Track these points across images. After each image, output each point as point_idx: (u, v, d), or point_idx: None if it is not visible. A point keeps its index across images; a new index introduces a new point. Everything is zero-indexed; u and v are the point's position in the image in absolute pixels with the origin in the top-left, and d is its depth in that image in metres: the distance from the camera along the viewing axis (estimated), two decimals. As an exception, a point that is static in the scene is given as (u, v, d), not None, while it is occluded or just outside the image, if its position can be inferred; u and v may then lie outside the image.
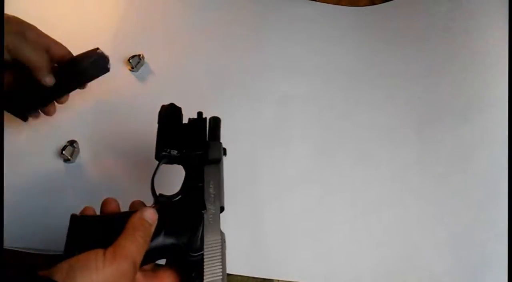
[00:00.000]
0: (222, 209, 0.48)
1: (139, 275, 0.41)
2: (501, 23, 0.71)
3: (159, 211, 0.44)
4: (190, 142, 0.51)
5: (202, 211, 0.46)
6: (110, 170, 0.62)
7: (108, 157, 0.63)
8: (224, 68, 0.70)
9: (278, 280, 0.57)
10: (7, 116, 0.58)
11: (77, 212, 0.45)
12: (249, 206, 0.61)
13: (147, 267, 0.43)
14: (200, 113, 0.54)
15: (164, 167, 0.50)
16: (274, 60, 0.71)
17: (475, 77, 0.68)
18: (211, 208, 0.47)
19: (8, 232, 0.55)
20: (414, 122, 0.67)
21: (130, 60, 0.68)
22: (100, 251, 0.37)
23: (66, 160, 0.61)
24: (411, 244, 0.59)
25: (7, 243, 0.55)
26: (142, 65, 0.69)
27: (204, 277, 0.43)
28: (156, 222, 0.43)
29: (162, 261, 0.45)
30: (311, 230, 0.60)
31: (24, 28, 0.55)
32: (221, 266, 0.44)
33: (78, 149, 0.62)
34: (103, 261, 0.37)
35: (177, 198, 0.47)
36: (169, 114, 0.52)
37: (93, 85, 0.65)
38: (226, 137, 0.65)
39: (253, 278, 0.57)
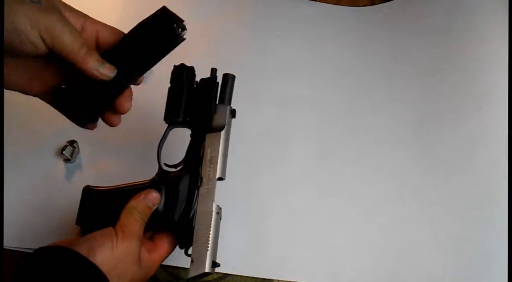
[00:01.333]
0: (220, 179, 0.48)
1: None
2: (501, 23, 0.71)
3: (158, 183, 0.47)
4: (197, 106, 0.49)
5: (197, 185, 0.47)
6: (110, 170, 0.62)
7: (108, 157, 0.63)
8: (224, 68, 0.70)
9: (278, 280, 0.57)
10: (7, 116, 0.58)
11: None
12: (249, 206, 0.61)
13: (145, 235, 0.46)
14: (213, 71, 0.51)
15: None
16: (274, 60, 0.71)
17: (475, 77, 0.68)
18: (207, 180, 0.47)
19: (8, 232, 0.55)
20: (414, 123, 0.67)
21: (130, 60, 0.67)
22: (112, 231, 0.42)
23: (66, 160, 0.61)
24: (411, 244, 0.59)
25: (7, 243, 0.55)
26: (142, 65, 0.68)
27: (192, 248, 0.45)
28: (156, 205, 0.46)
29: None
30: (311, 230, 0.60)
31: (62, 7, 0.43)
32: (210, 239, 0.45)
33: (78, 149, 0.62)
34: (116, 240, 0.41)
35: (179, 168, 0.48)
36: (179, 75, 0.50)
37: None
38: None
39: (253, 278, 0.57)
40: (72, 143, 0.62)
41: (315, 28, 0.74)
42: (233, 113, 0.51)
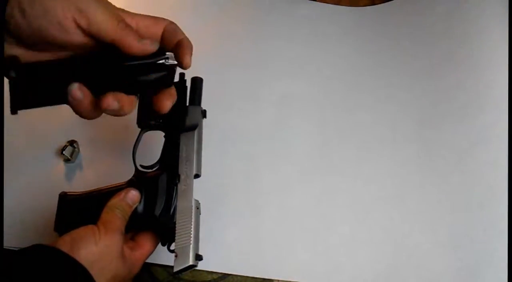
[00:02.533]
0: (197, 176, 0.50)
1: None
2: (501, 23, 0.71)
3: (136, 183, 0.48)
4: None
5: (175, 182, 0.48)
6: (110, 170, 0.62)
7: (108, 157, 0.63)
8: (224, 68, 0.70)
9: (278, 280, 0.57)
10: (6, 116, 0.58)
11: None
12: (249, 205, 0.61)
13: (126, 236, 0.46)
14: (181, 76, 0.53)
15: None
16: (274, 60, 0.71)
17: (475, 77, 0.68)
18: (184, 177, 0.49)
19: (8, 232, 0.55)
20: (414, 122, 0.67)
21: (130, 60, 0.68)
22: (94, 227, 0.42)
23: (66, 160, 0.61)
24: (411, 243, 0.59)
25: (7, 243, 0.55)
26: (142, 65, 0.69)
27: (175, 243, 0.46)
28: (137, 203, 0.47)
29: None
30: (311, 229, 0.60)
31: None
32: (192, 233, 0.46)
33: (78, 149, 0.62)
34: (99, 235, 0.42)
35: (155, 168, 0.50)
36: None
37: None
38: (226, 137, 0.65)
39: (253, 278, 0.57)
40: (72, 143, 0.62)
41: (315, 28, 0.74)
42: (204, 113, 0.54)
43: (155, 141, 0.52)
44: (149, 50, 0.41)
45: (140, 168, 0.50)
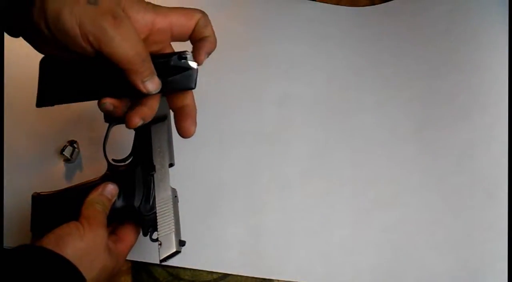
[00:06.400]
0: (171, 165, 0.50)
1: None
2: (501, 23, 0.71)
3: (111, 177, 0.48)
4: None
5: (151, 173, 0.49)
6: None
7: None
8: (224, 68, 0.70)
9: (278, 280, 0.57)
10: (7, 116, 0.58)
11: None
12: (249, 205, 0.61)
13: (107, 230, 0.46)
14: None
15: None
16: (274, 60, 0.71)
17: (475, 77, 0.68)
18: (159, 167, 0.49)
19: (8, 232, 0.55)
20: (414, 122, 0.67)
21: (130, 60, 0.68)
22: (77, 223, 0.43)
23: (66, 160, 0.61)
24: (411, 243, 0.59)
25: (7, 243, 0.55)
26: (142, 65, 0.69)
27: (158, 233, 0.47)
28: (115, 196, 0.47)
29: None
30: (311, 229, 0.60)
31: (125, 5, 0.39)
32: (173, 221, 0.47)
33: (78, 149, 0.62)
34: (84, 230, 0.42)
35: (128, 161, 0.50)
36: None
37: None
38: (226, 137, 0.65)
39: (253, 278, 0.57)
40: (72, 143, 0.62)
41: (315, 28, 0.74)
42: None
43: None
44: (152, 92, 0.41)
45: (112, 162, 0.50)
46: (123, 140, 0.54)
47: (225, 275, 0.57)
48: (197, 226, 0.59)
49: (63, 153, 0.61)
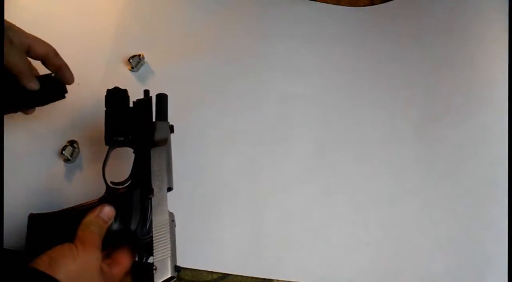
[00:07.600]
0: (170, 189, 0.50)
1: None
2: (501, 23, 0.71)
3: (109, 200, 0.48)
4: (136, 124, 0.52)
5: (149, 196, 0.48)
6: (110, 170, 0.61)
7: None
8: (225, 68, 0.70)
9: (278, 280, 0.57)
10: (7, 116, 0.58)
11: None
12: (249, 205, 0.61)
13: (103, 253, 0.46)
14: (146, 92, 0.54)
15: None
16: (274, 60, 0.71)
17: (475, 77, 0.68)
18: (158, 190, 0.49)
19: (8, 232, 0.55)
20: (413, 122, 0.67)
21: (130, 60, 0.68)
22: (71, 244, 0.43)
23: (66, 160, 0.61)
24: (411, 243, 0.59)
25: (7, 243, 0.55)
26: (142, 65, 0.69)
27: (154, 257, 0.46)
28: (112, 219, 0.47)
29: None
30: (311, 229, 0.60)
31: (7, 29, 0.50)
32: (169, 245, 0.47)
33: (78, 149, 0.62)
34: (77, 251, 0.42)
35: (127, 184, 0.50)
36: (115, 98, 0.53)
37: (93, 85, 0.65)
38: (226, 137, 0.65)
39: (253, 278, 0.57)
40: (72, 143, 0.62)
41: (315, 28, 0.74)
42: (171, 128, 0.54)
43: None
44: (35, 88, 0.53)
45: (111, 185, 0.50)
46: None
47: (225, 275, 0.57)
48: (197, 226, 0.59)
49: (63, 153, 0.61)
